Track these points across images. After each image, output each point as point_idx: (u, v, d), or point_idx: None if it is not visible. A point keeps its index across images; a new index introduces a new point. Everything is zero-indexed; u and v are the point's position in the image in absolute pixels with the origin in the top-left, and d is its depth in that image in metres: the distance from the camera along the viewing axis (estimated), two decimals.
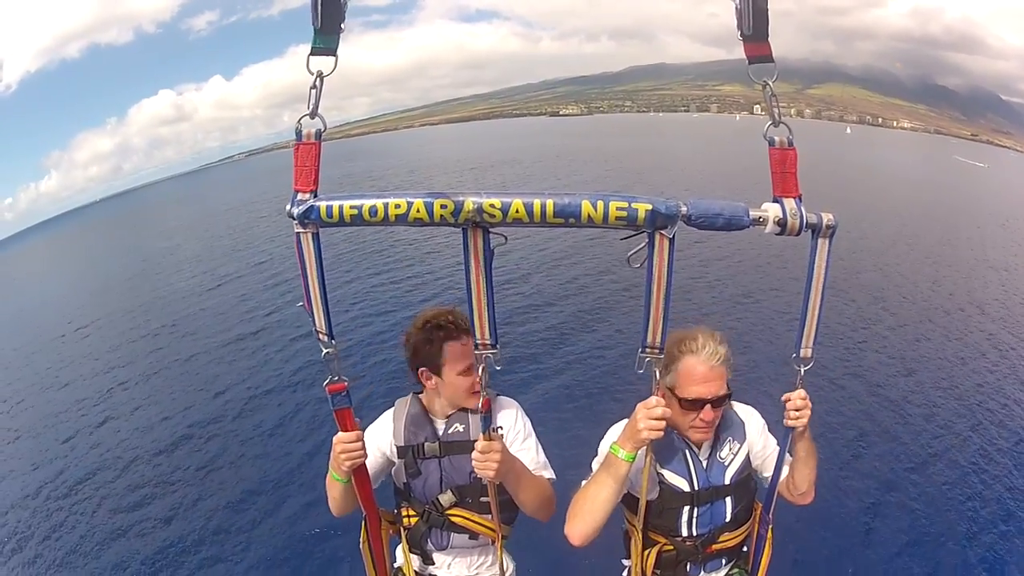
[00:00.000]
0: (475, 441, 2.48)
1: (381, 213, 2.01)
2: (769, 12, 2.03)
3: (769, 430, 2.87)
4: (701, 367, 2.58)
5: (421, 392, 3.00)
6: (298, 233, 2.11)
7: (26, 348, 19.33)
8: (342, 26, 2.01)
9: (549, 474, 2.88)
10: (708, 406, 2.60)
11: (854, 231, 20.99)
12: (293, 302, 14.44)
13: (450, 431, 2.87)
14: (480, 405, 2.37)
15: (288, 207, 2.07)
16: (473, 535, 2.90)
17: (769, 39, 2.06)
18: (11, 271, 57.20)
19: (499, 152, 65.92)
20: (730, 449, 2.78)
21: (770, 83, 2.08)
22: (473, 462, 2.47)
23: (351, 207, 2.03)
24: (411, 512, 2.93)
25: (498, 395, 2.94)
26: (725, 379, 2.64)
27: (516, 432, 2.86)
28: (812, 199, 2.17)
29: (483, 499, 2.74)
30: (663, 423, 2.31)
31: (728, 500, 2.76)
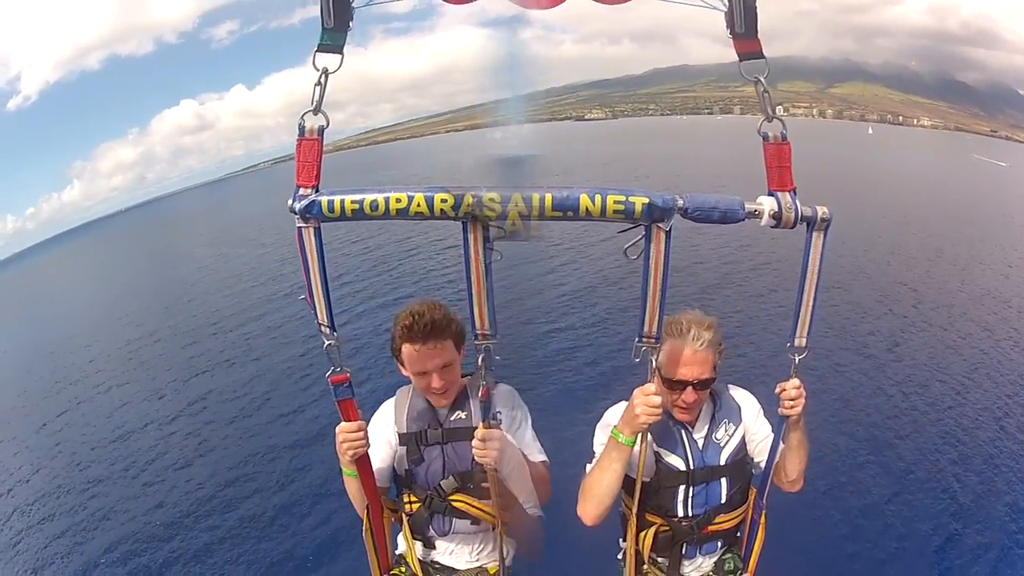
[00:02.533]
0: (476, 428, 2.52)
1: (382, 207, 2.05)
2: (758, 9, 2.05)
3: (764, 416, 2.88)
4: (686, 350, 2.64)
5: None
6: (300, 228, 2.15)
7: (53, 360, 19.11)
8: (350, 24, 2.06)
9: (542, 457, 2.90)
10: (690, 388, 2.65)
11: (874, 235, 20.62)
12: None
13: (452, 418, 2.87)
14: (480, 394, 2.40)
15: (290, 202, 2.11)
16: (475, 520, 2.90)
17: (759, 35, 2.09)
18: (35, 282, 57.16)
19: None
20: (726, 431, 2.81)
21: (762, 79, 2.11)
22: (473, 449, 2.51)
23: (352, 201, 2.07)
24: (413, 499, 2.93)
25: (497, 383, 2.89)
26: (710, 364, 2.68)
27: (512, 417, 2.87)
28: (835, 206, 2.19)
29: (485, 485, 2.73)
30: (660, 408, 2.37)
31: (723, 481, 2.80)
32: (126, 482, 9.70)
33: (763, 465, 2.77)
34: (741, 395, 2.94)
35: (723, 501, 2.82)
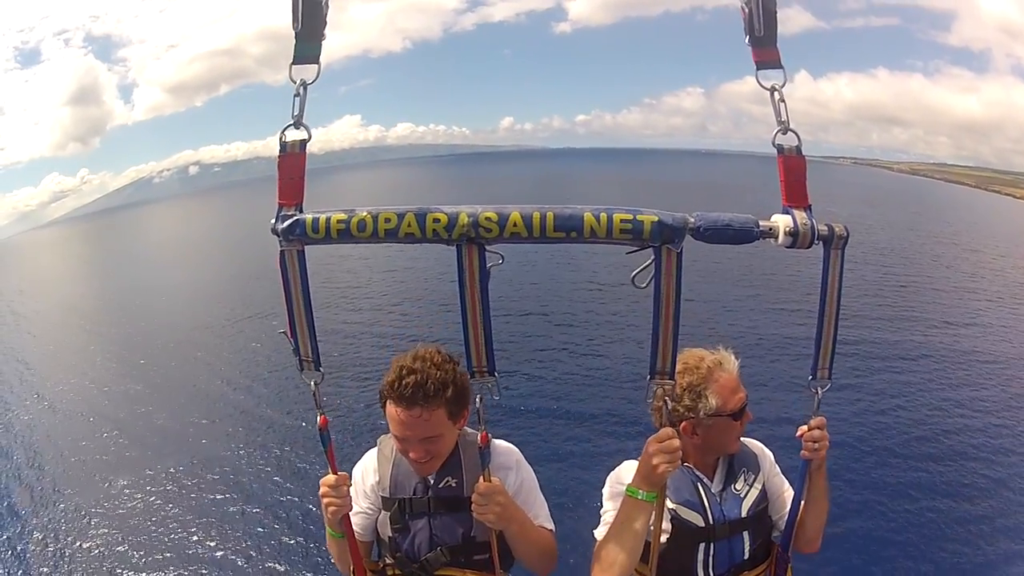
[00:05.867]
0: (468, 497, 2.29)
1: (370, 228, 1.87)
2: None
3: (780, 466, 2.69)
4: (733, 376, 2.48)
5: None
6: (282, 251, 1.96)
7: None
8: (324, 33, 1.91)
9: (550, 525, 2.57)
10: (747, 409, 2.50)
11: None
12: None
13: (440, 485, 2.48)
14: (479, 440, 2.18)
15: (272, 222, 1.92)
16: None
17: (777, 43, 1.97)
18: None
19: None
20: (745, 481, 2.57)
21: (779, 88, 1.98)
22: (473, 505, 2.25)
23: (338, 221, 1.89)
24: (396, 571, 2.60)
25: (492, 438, 2.46)
26: None
27: (517, 484, 2.53)
28: None
29: (477, 557, 2.48)
30: (679, 454, 2.10)
31: (746, 535, 2.54)
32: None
33: (785, 515, 2.55)
34: (755, 444, 2.74)
35: (746, 557, 2.56)
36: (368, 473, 2.61)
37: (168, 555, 7.59)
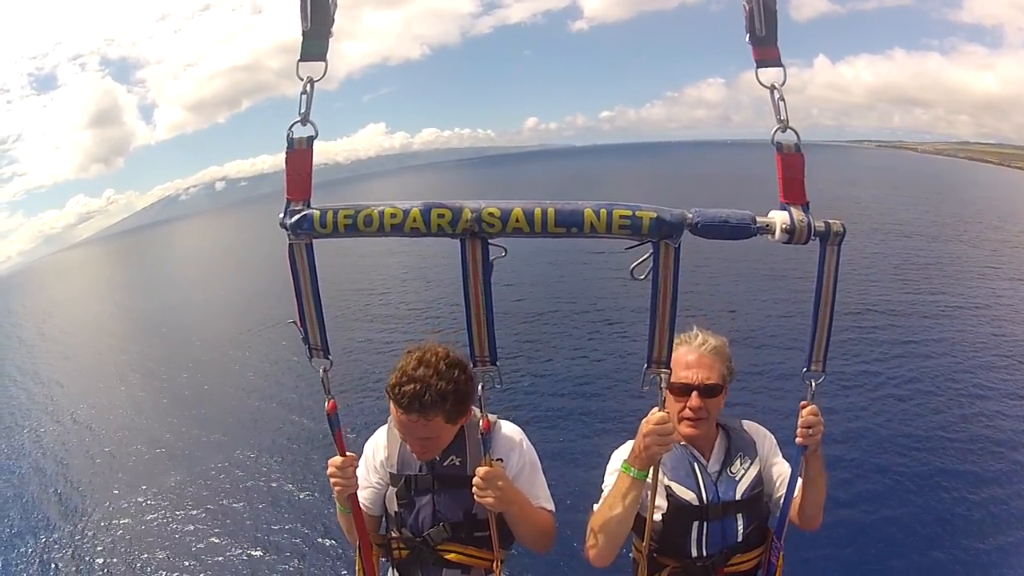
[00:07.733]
0: (471, 476, 2.33)
1: (376, 223, 1.92)
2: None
3: (780, 450, 2.70)
4: (691, 354, 2.51)
5: None
6: (291, 244, 2.01)
7: None
8: (331, 31, 1.94)
9: (550, 506, 2.62)
10: (695, 393, 2.48)
11: None
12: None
13: (445, 463, 2.54)
14: (480, 426, 2.23)
15: (281, 216, 1.97)
16: (466, 569, 2.63)
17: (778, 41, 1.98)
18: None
19: None
20: (741, 464, 2.60)
21: (778, 87, 2.00)
22: (474, 489, 2.30)
23: (346, 216, 1.94)
24: (401, 545, 2.66)
25: (498, 419, 2.61)
26: (717, 371, 2.52)
27: (520, 465, 2.58)
28: None
29: (477, 534, 2.53)
30: (671, 437, 2.17)
31: (739, 518, 2.57)
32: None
33: (780, 501, 2.57)
34: (756, 429, 2.75)
35: (739, 540, 2.59)
36: (378, 449, 2.68)
37: (199, 562, 7.69)
